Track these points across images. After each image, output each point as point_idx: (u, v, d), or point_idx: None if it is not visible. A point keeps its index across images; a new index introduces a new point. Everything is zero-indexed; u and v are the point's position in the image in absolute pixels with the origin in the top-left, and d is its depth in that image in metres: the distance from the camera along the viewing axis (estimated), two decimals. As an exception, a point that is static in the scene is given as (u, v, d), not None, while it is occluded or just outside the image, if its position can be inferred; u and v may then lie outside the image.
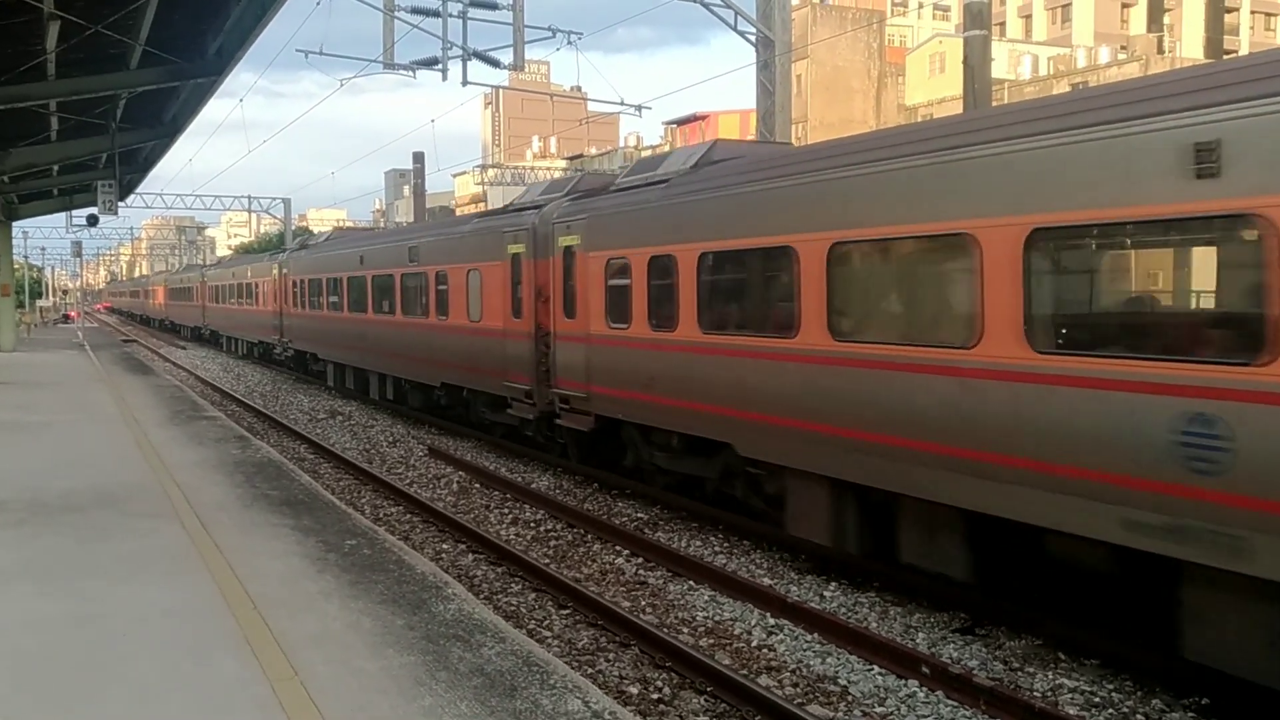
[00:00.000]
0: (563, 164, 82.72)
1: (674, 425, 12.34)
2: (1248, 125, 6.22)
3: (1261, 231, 6.15)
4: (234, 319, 42.21)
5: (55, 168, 31.81)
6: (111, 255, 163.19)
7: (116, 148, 27.08)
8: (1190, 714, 7.19)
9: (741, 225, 10.87)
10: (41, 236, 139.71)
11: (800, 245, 9.86)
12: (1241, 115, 6.26)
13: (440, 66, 23.51)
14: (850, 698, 7.64)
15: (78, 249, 63.16)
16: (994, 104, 21.47)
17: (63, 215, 50.66)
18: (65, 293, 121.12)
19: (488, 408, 18.53)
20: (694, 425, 11.84)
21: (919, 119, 55.48)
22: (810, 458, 9.83)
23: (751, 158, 11.45)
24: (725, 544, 11.74)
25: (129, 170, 36.93)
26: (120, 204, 36.43)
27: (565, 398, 14.83)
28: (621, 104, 28.62)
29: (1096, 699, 7.47)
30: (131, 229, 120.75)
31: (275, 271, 33.86)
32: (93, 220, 36.76)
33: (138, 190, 48.25)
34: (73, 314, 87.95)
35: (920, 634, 8.79)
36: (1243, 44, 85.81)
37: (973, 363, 7.94)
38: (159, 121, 28.41)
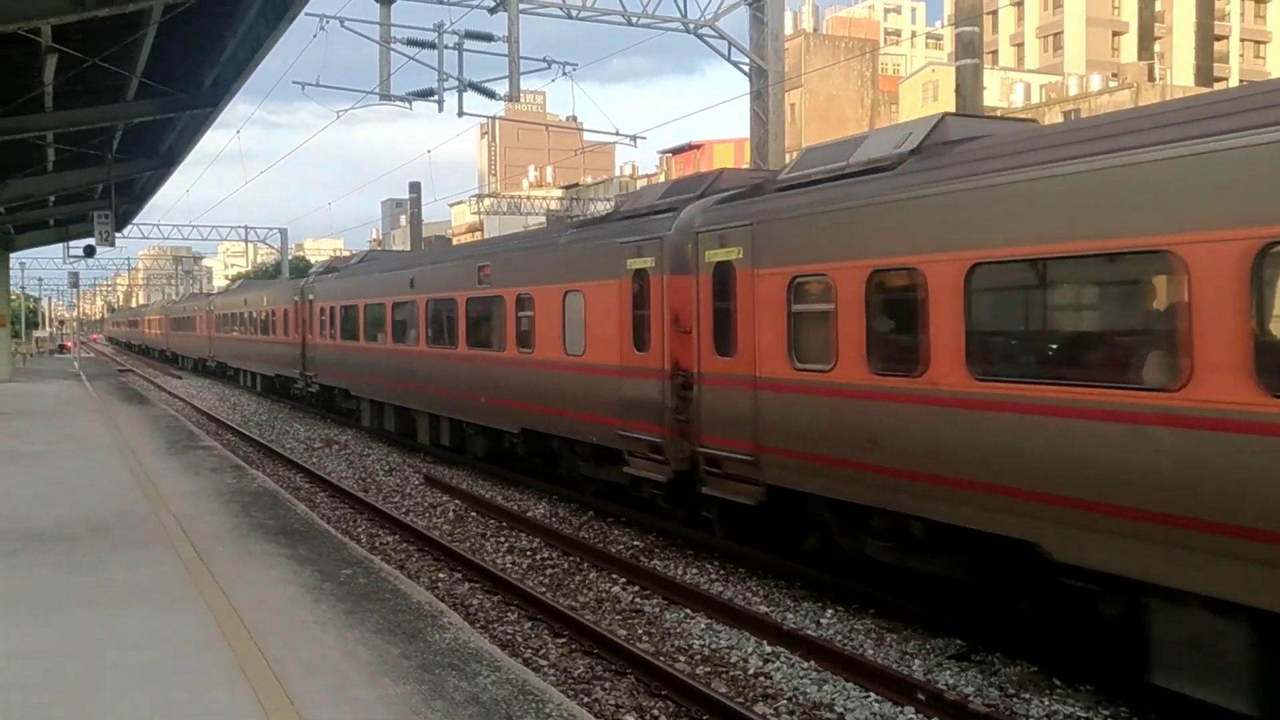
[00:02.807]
0: (559, 193, 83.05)
1: (913, 508, 8.78)
2: None
3: None
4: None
5: (52, 198, 31.93)
6: (109, 286, 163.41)
7: (113, 178, 27.22)
8: (1186, 740, 7.18)
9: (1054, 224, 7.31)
10: (39, 267, 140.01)
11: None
12: None
13: (436, 98, 23.68)
14: (846, 725, 7.62)
15: (74, 280, 63.11)
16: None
17: (60, 246, 50.82)
18: (62, 323, 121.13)
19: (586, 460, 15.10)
20: (952, 510, 8.30)
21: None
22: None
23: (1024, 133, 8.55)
24: (721, 571, 11.73)
25: (125, 201, 37.08)
26: (117, 234, 36.62)
27: (715, 458, 11.44)
28: (617, 134, 28.88)
29: (1092, 725, 7.46)
30: (128, 259, 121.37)
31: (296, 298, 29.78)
32: (90, 251, 36.86)
33: (134, 221, 48.36)
34: (69, 344, 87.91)
35: (916, 660, 8.78)
36: (1233, 72, 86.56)
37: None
38: (155, 152, 28.54)
